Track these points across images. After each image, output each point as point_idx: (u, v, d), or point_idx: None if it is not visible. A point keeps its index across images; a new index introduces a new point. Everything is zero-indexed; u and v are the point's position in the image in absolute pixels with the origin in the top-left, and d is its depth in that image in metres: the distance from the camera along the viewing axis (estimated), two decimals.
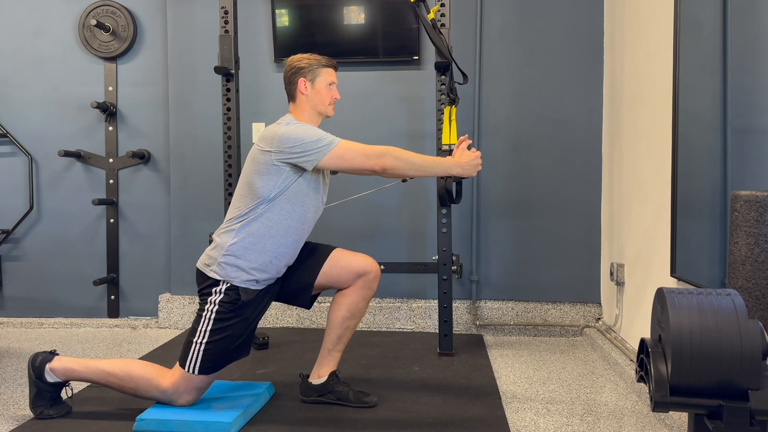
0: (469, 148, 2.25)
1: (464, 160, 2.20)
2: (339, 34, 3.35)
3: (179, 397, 2.09)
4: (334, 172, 2.42)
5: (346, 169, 2.11)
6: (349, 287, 2.23)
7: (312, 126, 2.14)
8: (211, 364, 2.07)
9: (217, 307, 2.07)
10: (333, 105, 2.27)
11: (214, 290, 2.08)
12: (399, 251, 3.44)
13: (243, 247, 2.08)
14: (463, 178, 2.39)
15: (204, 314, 2.07)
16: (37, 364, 2.11)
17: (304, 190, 2.14)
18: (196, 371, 2.06)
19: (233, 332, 2.08)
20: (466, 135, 2.33)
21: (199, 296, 2.14)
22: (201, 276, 2.14)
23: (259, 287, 2.12)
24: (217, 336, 2.06)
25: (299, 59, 2.23)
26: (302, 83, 2.21)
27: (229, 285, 2.08)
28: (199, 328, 2.07)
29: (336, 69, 2.28)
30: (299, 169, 2.10)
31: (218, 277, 2.08)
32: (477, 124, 3.38)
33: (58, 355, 2.15)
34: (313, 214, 2.20)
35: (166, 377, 2.10)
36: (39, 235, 3.71)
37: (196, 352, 2.06)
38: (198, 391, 2.12)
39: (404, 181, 2.58)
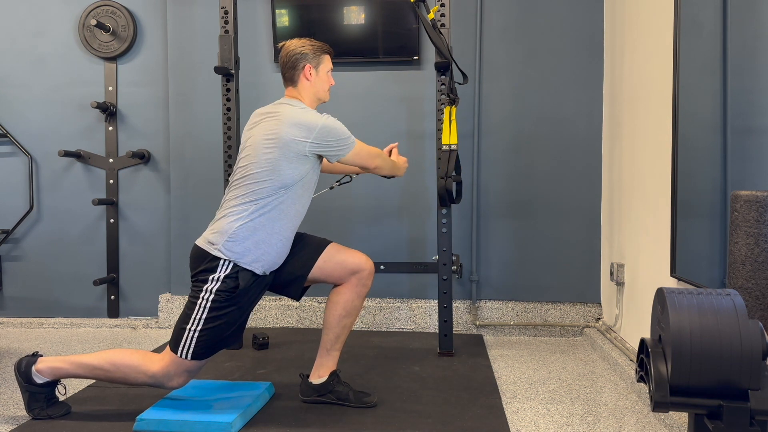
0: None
1: (400, 162, 2.52)
2: (339, 34, 3.35)
3: (169, 380, 2.09)
4: None
5: (356, 164, 2.27)
6: (344, 285, 2.23)
7: (338, 120, 2.18)
8: (203, 351, 2.07)
9: (213, 295, 2.05)
10: (329, 91, 2.33)
11: (210, 277, 2.06)
12: (399, 251, 3.44)
13: (253, 228, 2.07)
14: (393, 177, 2.56)
15: (198, 302, 2.05)
16: (23, 368, 2.10)
17: (314, 179, 2.22)
18: (189, 357, 2.06)
19: (228, 320, 2.07)
20: (397, 143, 2.62)
21: (193, 281, 2.10)
22: (200, 255, 2.10)
23: (259, 273, 2.11)
24: (212, 324, 2.05)
25: (302, 44, 2.24)
26: (308, 69, 2.22)
27: (228, 271, 2.05)
28: (193, 316, 2.05)
29: (332, 56, 2.33)
30: (319, 159, 2.18)
31: (222, 256, 2.05)
32: (477, 124, 3.38)
33: (41, 356, 2.14)
34: (309, 202, 2.25)
35: (155, 362, 2.09)
36: (39, 235, 3.70)
37: (189, 339, 2.05)
38: (189, 374, 2.11)
39: (347, 182, 2.68)
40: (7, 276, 3.72)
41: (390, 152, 2.54)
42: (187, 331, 2.05)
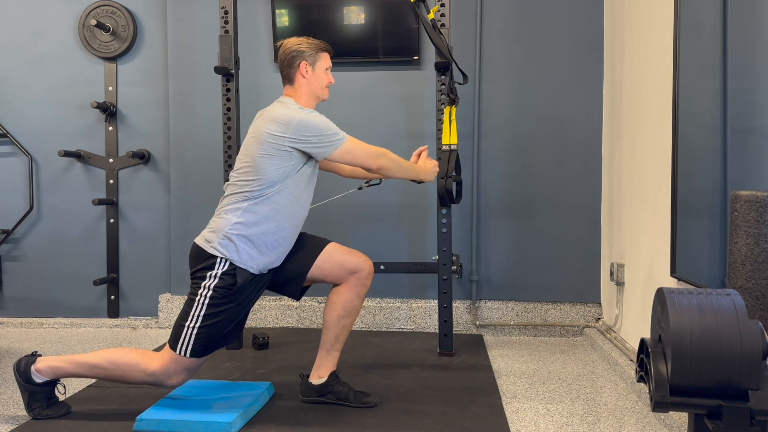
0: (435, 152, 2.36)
1: (428, 167, 2.43)
2: (339, 34, 3.35)
3: (168, 378, 2.09)
4: None
5: (349, 163, 2.21)
6: (343, 285, 2.23)
7: (324, 117, 2.16)
8: (202, 348, 2.07)
9: (211, 292, 2.05)
10: (328, 89, 2.30)
11: (208, 274, 2.07)
12: (399, 251, 3.44)
13: (246, 227, 2.08)
14: (423, 182, 2.49)
15: (197, 298, 2.06)
16: (22, 368, 2.10)
17: (309, 178, 2.19)
18: (188, 354, 2.06)
19: (226, 317, 2.08)
20: (426, 146, 2.52)
21: (192, 278, 2.11)
22: (198, 254, 2.11)
23: (255, 272, 2.11)
24: (210, 321, 2.05)
25: (299, 42, 2.24)
26: (304, 67, 2.21)
27: (225, 268, 2.06)
28: (191, 312, 2.06)
29: (331, 54, 2.31)
30: (306, 157, 2.13)
31: (218, 254, 2.07)
32: (477, 124, 3.38)
33: (40, 356, 2.14)
34: (310, 203, 2.23)
35: (154, 360, 2.09)
36: (39, 235, 3.70)
37: (187, 336, 2.05)
38: (188, 371, 2.11)
39: (376, 184, 2.64)
40: (7, 276, 3.72)
41: (419, 156, 2.48)
42: (185, 328, 2.06)
